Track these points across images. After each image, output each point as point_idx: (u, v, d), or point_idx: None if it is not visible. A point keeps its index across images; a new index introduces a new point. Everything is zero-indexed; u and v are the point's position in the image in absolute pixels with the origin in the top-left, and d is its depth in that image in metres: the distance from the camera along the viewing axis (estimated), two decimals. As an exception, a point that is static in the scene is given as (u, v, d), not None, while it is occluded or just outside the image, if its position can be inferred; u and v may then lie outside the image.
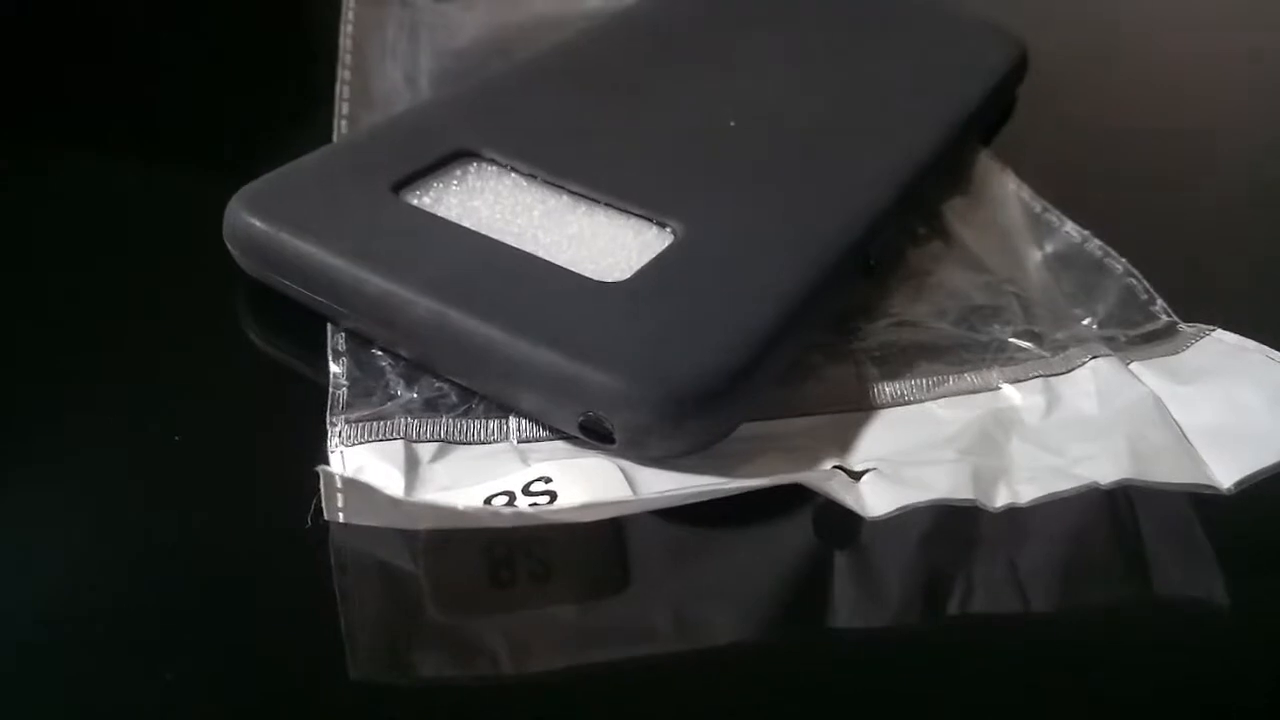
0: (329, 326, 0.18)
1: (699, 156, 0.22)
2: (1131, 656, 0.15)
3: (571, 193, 0.20)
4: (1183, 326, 0.20)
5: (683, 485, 0.16)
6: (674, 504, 0.15)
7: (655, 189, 0.20)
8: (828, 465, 0.16)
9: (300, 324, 0.19)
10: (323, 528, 0.15)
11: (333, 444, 0.16)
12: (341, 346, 0.18)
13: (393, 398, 0.17)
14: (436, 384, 0.18)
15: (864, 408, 0.18)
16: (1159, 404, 0.17)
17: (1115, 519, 0.17)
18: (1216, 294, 0.21)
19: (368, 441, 0.16)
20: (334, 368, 0.18)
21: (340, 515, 0.14)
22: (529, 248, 0.18)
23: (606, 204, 0.20)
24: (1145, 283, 0.21)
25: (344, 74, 0.25)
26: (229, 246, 0.19)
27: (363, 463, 0.16)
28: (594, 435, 0.16)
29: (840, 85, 0.25)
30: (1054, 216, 0.23)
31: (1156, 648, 0.16)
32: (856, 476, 0.16)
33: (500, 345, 0.16)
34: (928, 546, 0.16)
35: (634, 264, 0.18)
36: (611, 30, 0.27)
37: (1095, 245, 0.22)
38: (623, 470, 0.16)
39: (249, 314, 0.19)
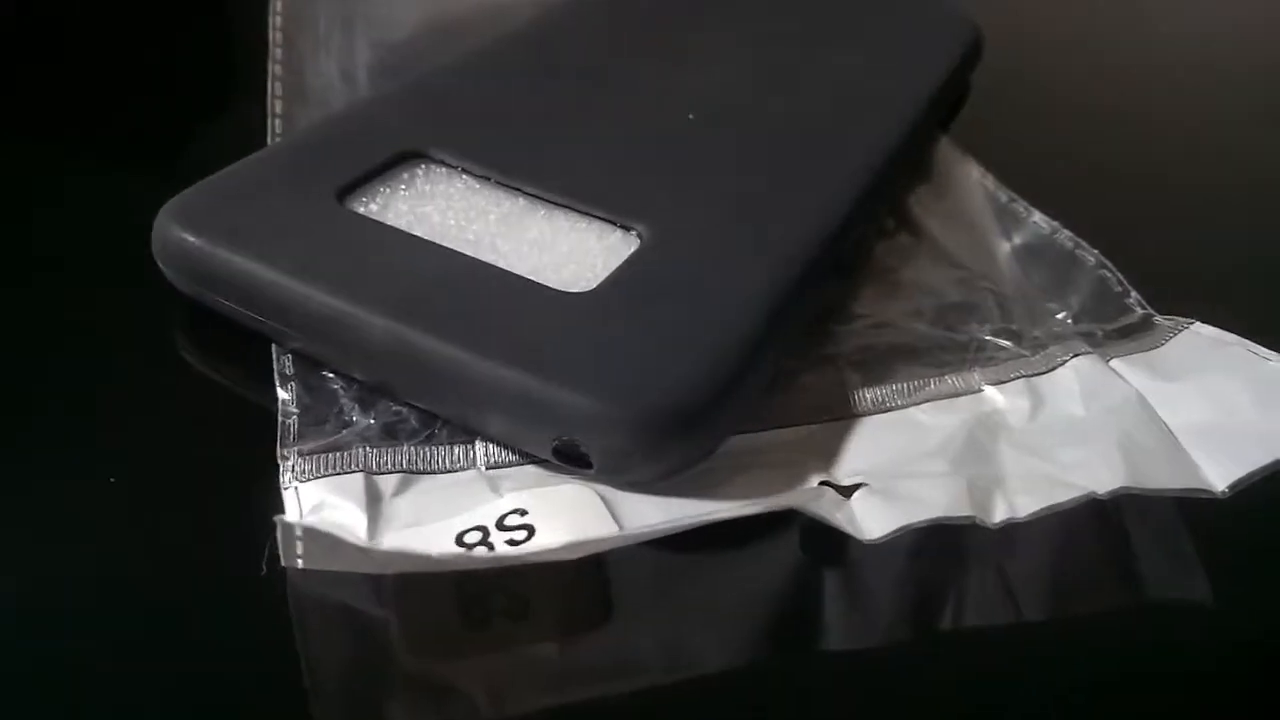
0: (274, 348, 0.17)
1: (660, 154, 0.21)
2: (1127, 665, 0.15)
3: (528, 195, 0.19)
4: (1159, 319, 0.19)
5: (669, 512, 0.15)
6: (662, 535, 0.14)
7: (617, 190, 0.19)
8: (814, 481, 0.16)
9: (242, 346, 0.17)
10: (279, 573, 0.14)
11: (286, 479, 0.15)
12: (289, 370, 0.17)
13: (348, 425, 0.16)
14: (394, 408, 0.16)
15: (845, 416, 0.17)
16: (1145, 404, 0.17)
17: (1104, 524, 0.16)
18: (1186, 285, 0.21)
19: (324, 475, 0.15)
20: (282, 394, 0.16)
21: (300, 562, 0.13)
22: (487, 257, 0.17)
23: (566, 207, 0.19)
24: (1119, 275, 0.20)
25: (275, 69, 0.24)
26: (159, 263, 0.18)
27: (320, 499, 0.15)
28: (569, 460, 0.15)
29: (795, 73, 0.24)
30: (1020, 206, 0.22)
31: (1154, 654, 0.15)
32: (846, 492, 0.15)
33: (465, 366, 0.15)
34: (917, 560, 0.16)
35: (600, 272, 0.17)
36: (555, 22, 0.26)
37: (1065, 236, 0.21)
38: (602, 496, 0.15)
39: (184, 336, 0.18)
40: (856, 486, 0.15)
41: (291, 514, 0.14)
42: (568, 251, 0.18)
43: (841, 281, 0.20)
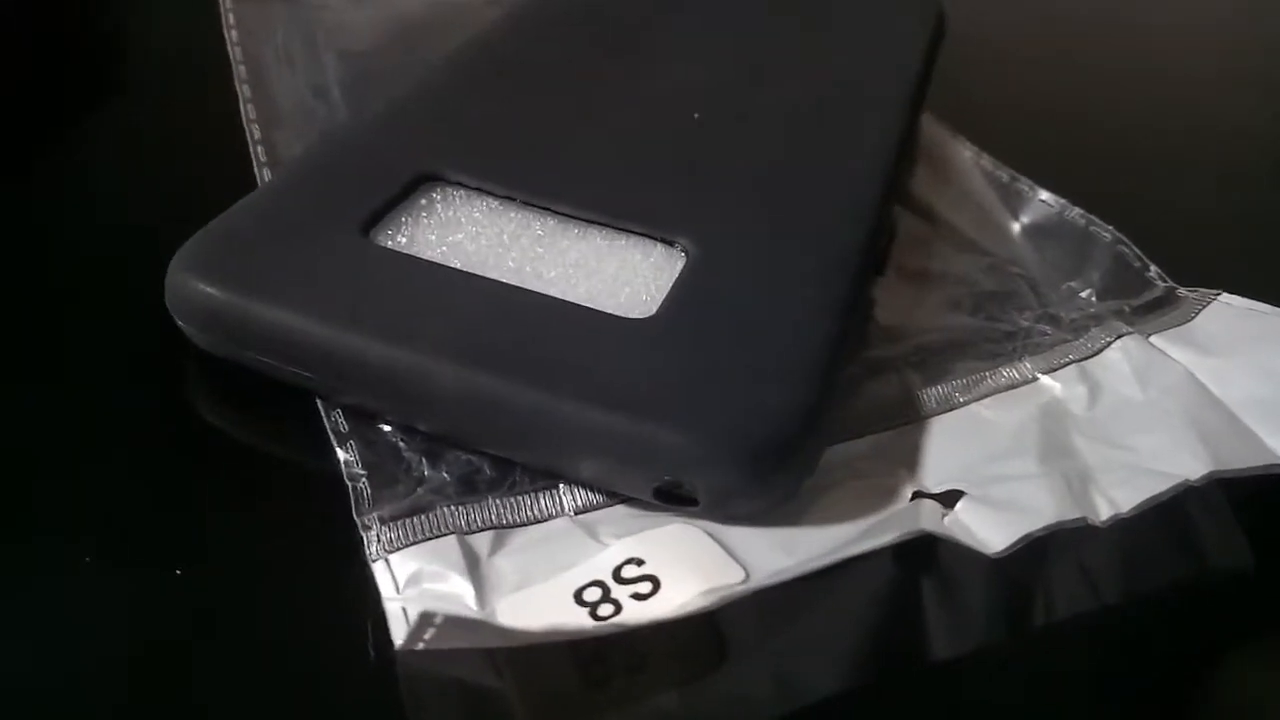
0: (320, 404, 0.16)
1: (681, 159, 0.20)
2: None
3: (557, 214, 0.18)
4: (1183, 292, 0.20)
5: (784, 546, 0.14)
6: (796, 577, 0.13)
7: (649, 202, 0.18)
8: (907, 492, 0.15)
9: (280, 404, 0.16)
10: (386, 654, 0.13)
11: (372, 550, 0.14)
12: (343, 427, 0.15)
13: (422, 482, 0.15)
14: (464, 457, 0.15)
15: (914, 419, 0.17)
16: (1197, 382, 0.17)
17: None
18: (1193, 254, 0.22)
19: (415, 542, 0.14)
20: (342, 454, 0.15)
21: (419, 644, 0.12)
22: (536, 285, 0.16)
23: (600, 224, 0.18)
24: (1135, 249, 0.21)
25: (243, 90, 0.22)
26: (179, 321, 0.16)
27: (415, 569, 0.14)
28: (671, 500, 0.14)
29: (778, 67, 0.24)
30: (1024, 185, 0.23)
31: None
32: (946, 501, 0.15)
33: (554, 411, 0.14)
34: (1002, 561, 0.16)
35: (655, 293, 0.17)
36: (526, 24, 0.24)
37: (1077, 214, 0.22)
38: (709, 534, 0.14)
39: (213, 398, 0.16)
40: (953, 495, 0.15)
41: (387, 589, 0.13)
42: (615, 273, 0.17)
43: (880, 279, 0.19)
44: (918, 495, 0.15)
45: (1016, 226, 0.22)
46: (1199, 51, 0.32)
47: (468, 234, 0.18)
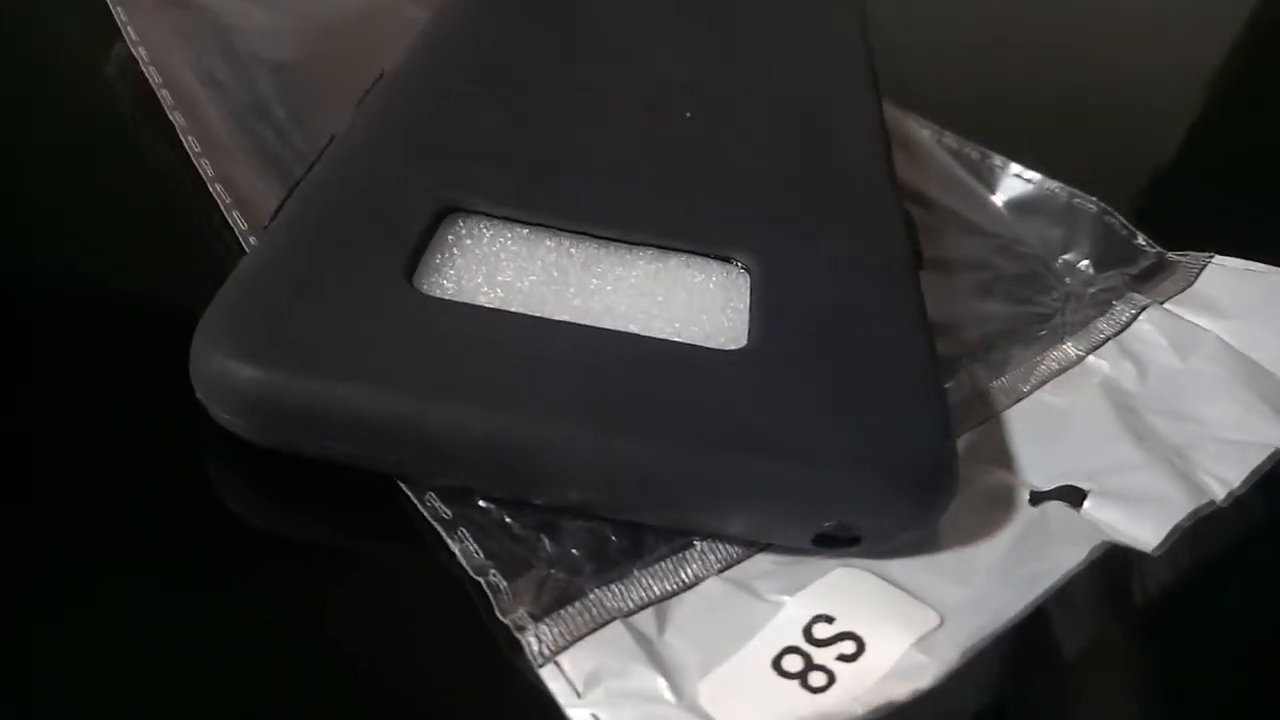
0: (407, 489, 0.14)
1: (697, 165, 0.19)
2: None
3: (595, 238, 0.17)
4: (1172, 256, 0.21)
5: (949, 574, 0.14)
6: (1012, 620, 0.13)
7: (689, 216, 0.17)
8: (1024, 493, 0.15)
9: (343, 493, 0.14)
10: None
11: (535, 653, 0.12)
12: (446, 513, 0.14)
13: (553, 562, 0.13)
14: (583, 525, 0.14)
15: (991, 415, 0.17)
16: (1230, 347, 0.18)
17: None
18: (1158, 216, 0.23)
19: (580, 637, 0.12)
20: (454, 545, 0.13)
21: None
22: (613, 323, 0.15)
23: (644, 245, 0.17)
24: (1120, 218, 0.21)
25: (176, 119, 0.19)
26: (216, 411, 0.14)
27: (592, 667, 0.12)
28: (832, 543, 0.13)
29: (737, 55, 0.23)
30: (996, 160, 0.23)
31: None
32: (1074, 501, 0.15)
33: (706, 469, 0.13)
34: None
35: (735, 318, 0.16)
36: (472, 26, 0.22)
37: (1055, 186, 0.22)
38: (874, 572, 0.14)
39: (267, 503, 0.14)
40: (1070, 491, 0.15)
41: (566, 696, 0.12)
42: (686, 299, 0.16)
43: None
44: (1036, 496, 0.15)
45: (1000, 204, 0.22)
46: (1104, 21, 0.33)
47: (514, 271, 0.16)
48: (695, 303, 0.16)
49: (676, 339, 0.15)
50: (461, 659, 0.12)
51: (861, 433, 0.14)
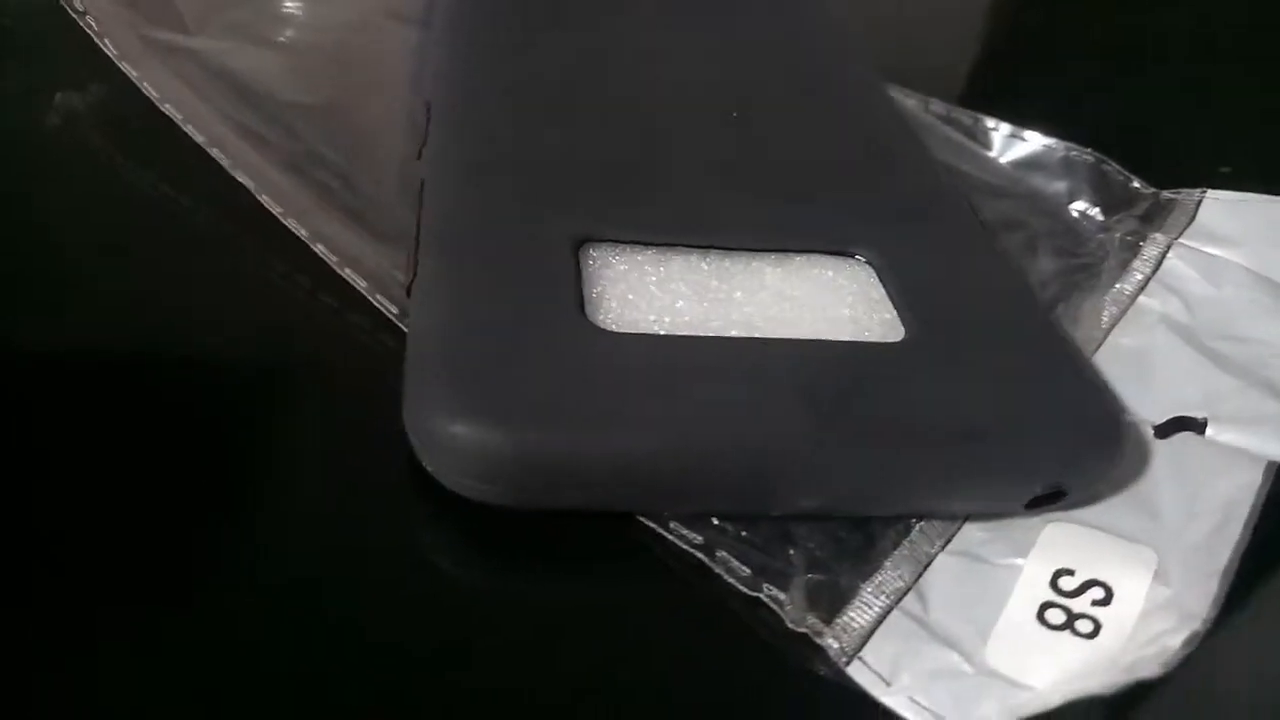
0: (649, 523, 0.14)
1: (772, 163, 0.19)
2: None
3: (719, 249, 0.17)
4: (1166, 195, 0.23)
5: (1136, 507, 0.15)
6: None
7: (792, 215, 0.18)
8: (1145, 429, 0.17)
9: (585, 535, 0.14)
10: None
11: (839, 654, 0.13)
12: (697, 538, 0.14)
13: (809, 568, 0.14)
14: (808, 527, 0.15)
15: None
16: (1254, 273, 0.21)
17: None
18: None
19: (871, 631, 0.13)
20: (716, 567, 0.14)
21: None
22: (785, 332, 0.16)
23: (765, 250, 0.17)
24: (1115, 164, 0.24)
25: (245, 179, 0.18)
26: (456, 480, 0.14)
27: (890, 656, 0.13)
28: (1041, 503, 0.15)
29: (734, 45, 0.23)
30: (988, 123, 0.25)
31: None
32: (1199, 429, 0.17)
33: (930, 461, 0.14)
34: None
35: (882, 311, 0.17)
36: (494, 36, 0.22)
37: (1050, 142, 0.24)
38: (1077, 523, 0.15)
39: (512, 562, 0.14)
40: (1185, 422, 0.17)
41: (877, 688, 0.13)
42: (829, 300, 0.17)
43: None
44: (1161, 430, 0.17)
45: (1006, 164, 0.24)
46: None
47: (664, 293, 0.16)
48: (835, 301, 0.17)
49: (834, 338, 0.16)
50: (765, 675, 0.13)
51: (1054, 402, 0.15)
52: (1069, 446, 0.14)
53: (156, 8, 0.22)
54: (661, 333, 0.15)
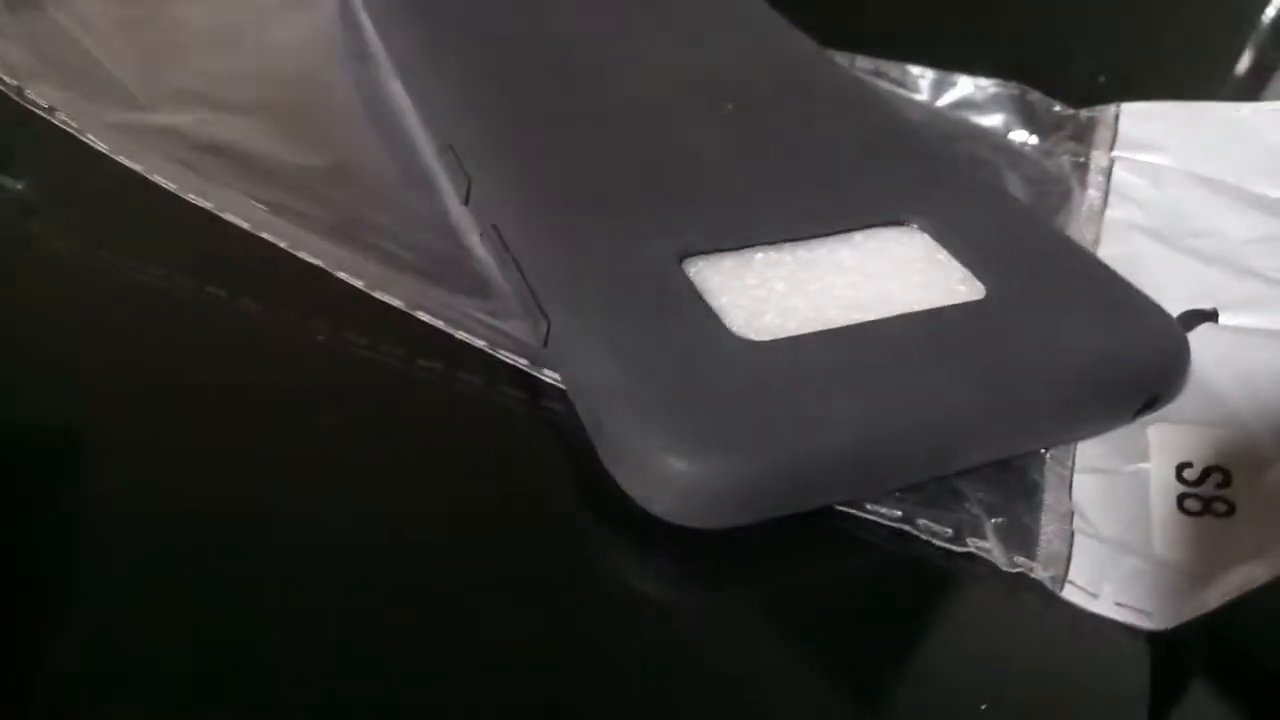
0: (849, 510, 0.15)
1: (791, 149, 0.20)
2: None
3: (789, 241, 0.18)
4: (1085, 114, 0.26)
5: (1227, 401, 0.18)
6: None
7: (836, 196, 0.19)
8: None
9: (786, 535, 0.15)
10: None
11: (1051, 580, 0.15)
12: (895, 513, 0.15)
13: (991, 513, 0.16)
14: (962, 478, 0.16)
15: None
16: (1188, 173, 0.24)
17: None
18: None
19: (1069, 556, 0.15)
20: (920, 535, 0.15)
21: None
22: (889, 310, 0.17)
23: (831, 234, 0.19)
24: (1037, 92, 0.26)
25: (317, 261, 0.17)
26: (680, 514, 0.14)
27: (1088, 571, 0.15)
28: (1141, 412, 0.17)
29: (704, 44, 0.24)
30: (915, 71, 0.27)
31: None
32: (1215, 319, 0.20)
33: (1069, 402, 0.16)
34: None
35: (955, 272, 0.18)
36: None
37: (977, 80, 0.26)
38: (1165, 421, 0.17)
39: (731, 573, 0.15)
40: (1206, 314, 0.20)
41: (1087, 602, 0.15)
42: (899, 270, 0.18)
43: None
44: (1183, 322, 0.20)
45: (942, 108, 0.26)
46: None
47: (771, 293, 0.17)
48: (904, 271, 0.18)
49: (935, 305, 0.17)
50: (1004, 614, 0.15)
51: (1131, 322, 0.17)
52: (1157, 357, 0.17)
53: (108, 90, 0.20)
54: (798, 332, 0.16)
